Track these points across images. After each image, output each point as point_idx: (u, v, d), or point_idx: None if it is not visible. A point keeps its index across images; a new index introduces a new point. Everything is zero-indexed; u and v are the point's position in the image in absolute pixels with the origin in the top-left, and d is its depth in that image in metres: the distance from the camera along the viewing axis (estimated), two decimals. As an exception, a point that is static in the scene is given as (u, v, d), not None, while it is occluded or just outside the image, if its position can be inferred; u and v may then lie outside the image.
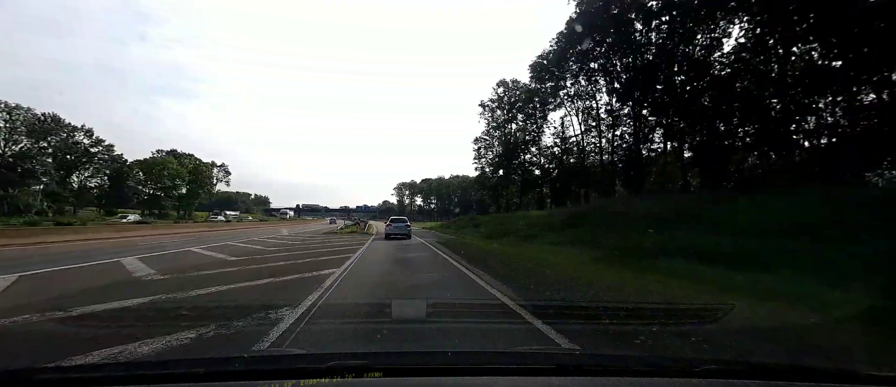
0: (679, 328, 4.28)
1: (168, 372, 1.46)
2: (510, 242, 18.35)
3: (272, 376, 1.39)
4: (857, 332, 4.31)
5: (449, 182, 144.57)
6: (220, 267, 10.09)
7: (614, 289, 6.81)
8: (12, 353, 3.92)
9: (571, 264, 10.06)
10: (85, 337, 4.15)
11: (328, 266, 10.34)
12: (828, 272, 7.18)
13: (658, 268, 8.94)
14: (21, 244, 15.84)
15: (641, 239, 12.57)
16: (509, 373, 1.47)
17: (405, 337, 4.24)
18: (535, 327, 4.64)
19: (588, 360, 1.66)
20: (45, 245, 15.90)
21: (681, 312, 5.27)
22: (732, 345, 3.82)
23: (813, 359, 3.51)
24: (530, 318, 5.04)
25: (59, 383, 1.39)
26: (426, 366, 1.51)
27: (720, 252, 9.46)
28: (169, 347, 3.77)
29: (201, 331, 4.19)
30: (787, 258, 8.39)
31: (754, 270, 7.89)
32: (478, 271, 9.48)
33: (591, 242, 14.16)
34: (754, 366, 1.69)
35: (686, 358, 2.44)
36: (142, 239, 21.22)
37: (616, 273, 8.53)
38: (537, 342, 4.02)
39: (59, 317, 4.91)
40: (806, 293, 6.17)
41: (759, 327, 4.44)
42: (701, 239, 11.13)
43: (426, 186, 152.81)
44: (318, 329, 4.52)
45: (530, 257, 11.48)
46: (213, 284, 7.46)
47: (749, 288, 6.68)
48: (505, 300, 6.23)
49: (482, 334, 4.42)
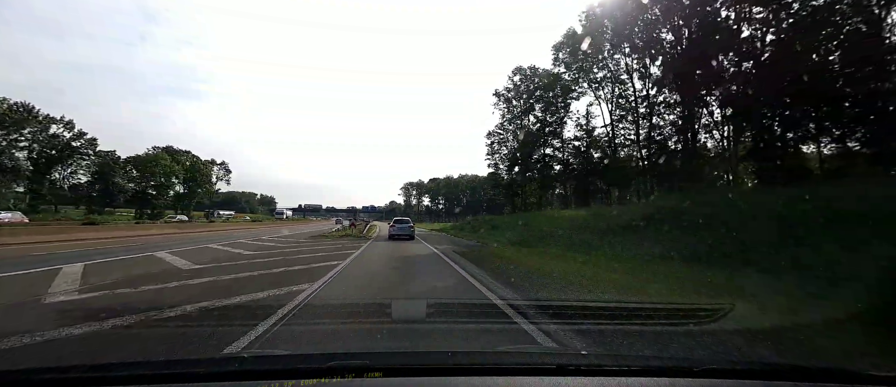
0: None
1: (168, 372, 1.46)
2: (578, 255, 12.00)
3: (272, 376, 1.37)
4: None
5: (458, 181, 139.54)
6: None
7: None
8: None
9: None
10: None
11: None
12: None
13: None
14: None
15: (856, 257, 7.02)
16: (510, 373, 1.45)
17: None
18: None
19: (589, 360, 1.58)
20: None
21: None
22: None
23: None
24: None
25: (58, 382, 1.40)
26: (426, 366, 1.49)
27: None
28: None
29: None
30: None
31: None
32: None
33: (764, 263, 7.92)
34: (755, 366, 1.67)
35: (687, 358, 2.31)
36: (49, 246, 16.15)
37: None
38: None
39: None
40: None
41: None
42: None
43: (434, 185, 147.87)
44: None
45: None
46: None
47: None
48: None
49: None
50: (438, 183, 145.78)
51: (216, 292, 6.32)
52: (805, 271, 7.24)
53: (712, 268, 8.18)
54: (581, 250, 12.91)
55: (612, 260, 10.43)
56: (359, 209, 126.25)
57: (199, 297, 5.94)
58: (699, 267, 8.40)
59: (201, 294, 6.16)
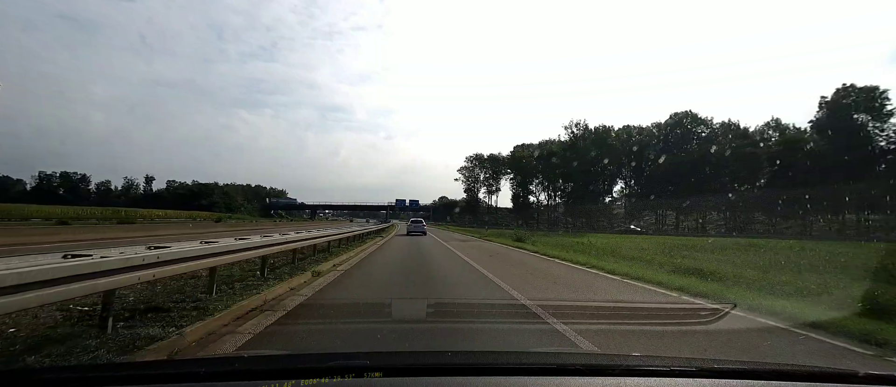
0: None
1: (168, 372, 1.45)
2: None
3: (272, 376, 1.32)
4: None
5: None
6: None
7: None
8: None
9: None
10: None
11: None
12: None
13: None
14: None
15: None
16: (510, 373, 1.43)
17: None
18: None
19: (589, 360, 1.63)
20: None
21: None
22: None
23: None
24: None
25: (57, 383, 1.34)
26: (426, 366, 1.48)
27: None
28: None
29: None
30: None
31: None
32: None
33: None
34: (756, 366, 1.68)
35: (687, 358, 2.35)
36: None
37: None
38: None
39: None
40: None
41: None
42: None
43: (526, 155, 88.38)
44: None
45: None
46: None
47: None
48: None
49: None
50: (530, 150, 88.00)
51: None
52: None
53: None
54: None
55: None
56: (405, 206, 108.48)
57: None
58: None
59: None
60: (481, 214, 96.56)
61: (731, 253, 19.12)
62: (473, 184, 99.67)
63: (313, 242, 12.47)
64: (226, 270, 8.13)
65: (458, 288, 8.64)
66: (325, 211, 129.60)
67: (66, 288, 3.54)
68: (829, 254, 17.71)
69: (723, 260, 15.54)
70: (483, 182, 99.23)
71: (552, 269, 12.38)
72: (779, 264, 14.20)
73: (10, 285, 2.99)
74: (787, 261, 15.28)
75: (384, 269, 11.71)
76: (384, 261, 13.75)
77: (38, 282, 3.24)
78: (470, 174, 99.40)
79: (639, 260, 15.07)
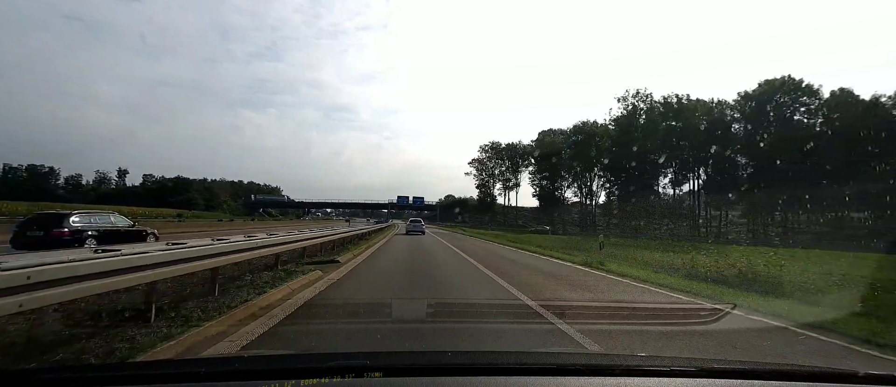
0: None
1: (167, 372, 1.44)
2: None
3: (272, 376, 1.32)
4: None
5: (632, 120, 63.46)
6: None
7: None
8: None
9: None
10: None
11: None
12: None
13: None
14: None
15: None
16: (510, 373, 1.41)
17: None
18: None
19: (589, 360, 1.60)
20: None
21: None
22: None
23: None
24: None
25: (57, 383, 1.33)
26: (426, 366, 1.46)
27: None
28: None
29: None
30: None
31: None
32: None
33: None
34: (756, 366, 1.65)
35: (687, 358, 2.22)
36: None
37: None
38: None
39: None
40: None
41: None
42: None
43: (551, 139, 75.92)
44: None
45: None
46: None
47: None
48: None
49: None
50: (553, 137, 75.32)
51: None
52: None
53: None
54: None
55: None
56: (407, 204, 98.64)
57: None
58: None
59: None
60: (496, 213, 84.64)
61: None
62: (487, 179, 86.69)
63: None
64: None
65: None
66: (326, 209, 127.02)
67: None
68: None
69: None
70: (498, 177, 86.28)
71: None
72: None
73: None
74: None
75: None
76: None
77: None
78: (483, 168, 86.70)
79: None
